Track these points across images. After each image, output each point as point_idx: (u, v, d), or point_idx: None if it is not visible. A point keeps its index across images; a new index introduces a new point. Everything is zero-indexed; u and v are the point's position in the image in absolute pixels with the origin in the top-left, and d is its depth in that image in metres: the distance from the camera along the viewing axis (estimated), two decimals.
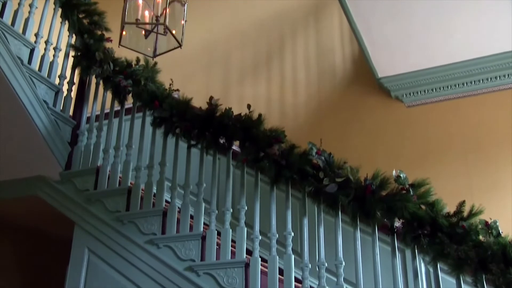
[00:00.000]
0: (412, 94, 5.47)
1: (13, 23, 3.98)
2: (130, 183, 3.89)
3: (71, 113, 4.32)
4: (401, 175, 2.93)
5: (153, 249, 3.54)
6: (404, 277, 3.83)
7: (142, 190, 3.83)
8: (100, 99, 4.26)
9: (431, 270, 3.30)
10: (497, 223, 2.69)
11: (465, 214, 2.76)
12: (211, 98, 3.64)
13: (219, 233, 3.48)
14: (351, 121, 5.69)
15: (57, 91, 4.23)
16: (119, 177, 3.96)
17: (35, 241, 4.69)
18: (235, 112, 3.52)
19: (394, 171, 2.96)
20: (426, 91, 5.41)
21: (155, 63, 4.16)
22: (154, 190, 3.80)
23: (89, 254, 3.77)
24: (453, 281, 2.85)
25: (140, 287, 3.47)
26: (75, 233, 3.88)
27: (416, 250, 2.92)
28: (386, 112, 5.58)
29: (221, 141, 3.57)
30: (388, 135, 5.46)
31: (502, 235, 2.64)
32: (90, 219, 3.84)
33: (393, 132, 5.46)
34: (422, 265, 3.66)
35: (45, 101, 4.01)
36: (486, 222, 2.70)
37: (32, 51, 4.10)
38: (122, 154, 4.09)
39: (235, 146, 3.59)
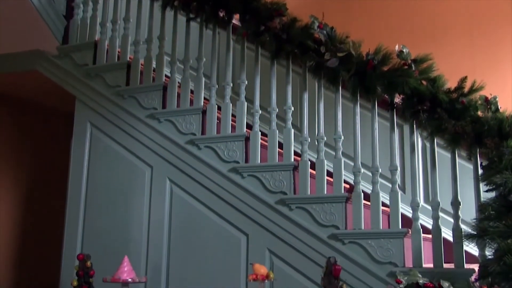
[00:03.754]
0: None
1: None
2: (129, 58, 3.84)
3: None
4: (404, 50, 2.88)
5: (155, 123, 3.59)
6: (401, 151, 3.92)
7: (141, 64, 3.80)
8: None
9: (427, 145, 3.38)
10: (497, 99, 2.70)
11: (466, 90, 2.75)
12: None
13: (219, 108, 3.51)
14: None
15: None
16: (118, 51, 3.90)
17: (38, 115, 4.74)
18: None
19: (396, 46, 2.90)
20: None
21: None
22: (154, 65, 3.77)
23: (92, 128, 3.83)
24: (448, 155, 2.92)
25: (142, 159, 3.57)
26: (76, 108, 3.91)
27: (414, 125, 2.96)
28: None
29: (221, 14, 3.46)
30: (392, 10, 5.29)
31: (500, 110, 2.65)
32: (90, 93, 3.85)
33: (397, 6, 5.29)
34: (419, 140, 3.74)
35: None
36: (486, 98, 2.70)
37: None
38: (120, 28, 3.99)
39: (235, 20, 3.49)
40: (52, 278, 4.13)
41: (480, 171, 2.67)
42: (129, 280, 3.00)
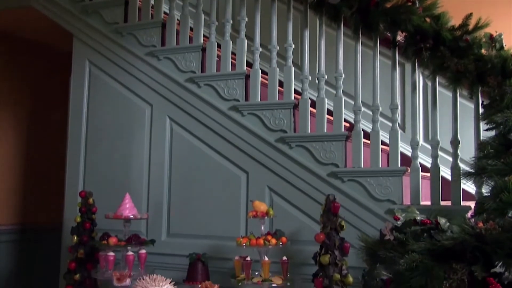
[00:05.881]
0: None
1: None
2: None
3: None
4: None
5: (154, 61, 3.55)
6: (401, 90, 3.90)
7: (139, 1, 3.71)
8: None
9: (429, 83, 3.35)
10: (502, 36, 2.65)
11: (470, 27, 2.69)
12: None
13: (219, 45, 3.46)
14: None
15: None
16: None
17: (36, 54, 4.69)
18: None
19: None
20: None
21: None
22: (152, 1, 3.69)
23: (90, 66, 3.79)
24: (449, 94, 2.91)
25: (142, 98, 3.56)
26: (74, 45, 3.87)
27: (416, 64, 2.92)
28: None
29: None
30: None
31: (505, 48, 2.61)
32: (88, 31, 3.79)
33: None
34: (421, 78, 3.71)
35: None
36: (491, 35, 2.65)
37: None
38: None
39: None
40: (56, 215, 4.21)
41: (481, 110, 2.66)
42: (131, 216, 3.05)
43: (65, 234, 3.62)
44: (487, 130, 2.48)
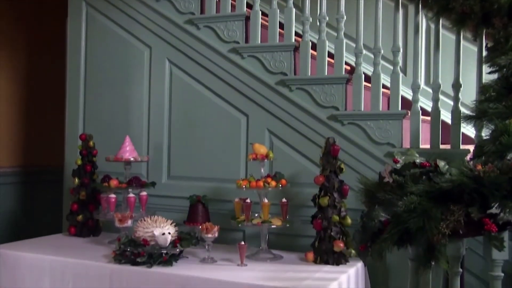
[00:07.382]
0: None
1: None
2: None
3: None
4: None
5: (152, 2, 3.47)
6: (404, 33, 3.83)
7: None
8: None
9: (431, 26, 3.30)
10: None
11: None
12: None
13: None
14: None
15: None
16: None
17: None
18: None
19: None
20: None
21: None
22: None
23: (87, 7, 3.72)
24: (452, 37, 2.86)
25: (140, 39, 3.51)
26: None
27: (419, 5, 2.86)
28: None
29: None
30: None
31: None
32: None
33: None
34: (424, 21, 3.64)
35: None
36: None
37: None
38: None
39: None
40: (58, 157, 4.23)
41: (484, 53, 2.62)
42: (131, 159, 3.08)
43: (67, 176, 3.64)
44: (489, 73, 2.45)
